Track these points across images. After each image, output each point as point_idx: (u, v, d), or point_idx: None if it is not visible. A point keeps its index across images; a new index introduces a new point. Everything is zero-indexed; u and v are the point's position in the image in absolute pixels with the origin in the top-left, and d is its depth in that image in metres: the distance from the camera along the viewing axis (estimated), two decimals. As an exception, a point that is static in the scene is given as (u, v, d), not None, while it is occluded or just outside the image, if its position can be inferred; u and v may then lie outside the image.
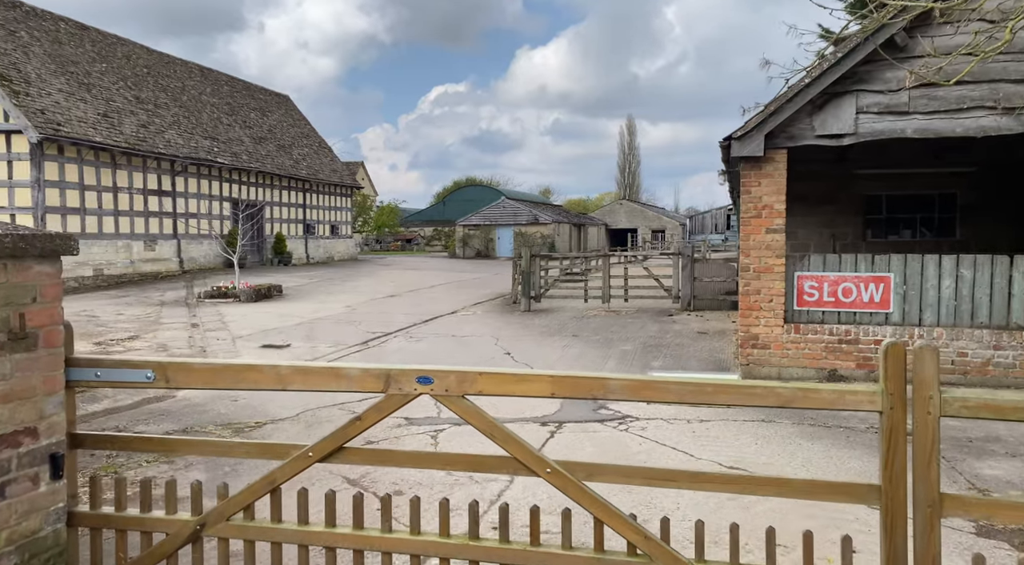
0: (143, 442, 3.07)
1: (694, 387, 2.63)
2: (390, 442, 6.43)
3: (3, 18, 22.47)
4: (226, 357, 11.22)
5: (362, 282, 24.50)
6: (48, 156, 20.48)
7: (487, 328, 14.30)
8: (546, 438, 6.53)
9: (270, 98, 37.90)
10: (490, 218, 48.91)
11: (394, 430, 6.85)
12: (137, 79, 26.89)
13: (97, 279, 21.87)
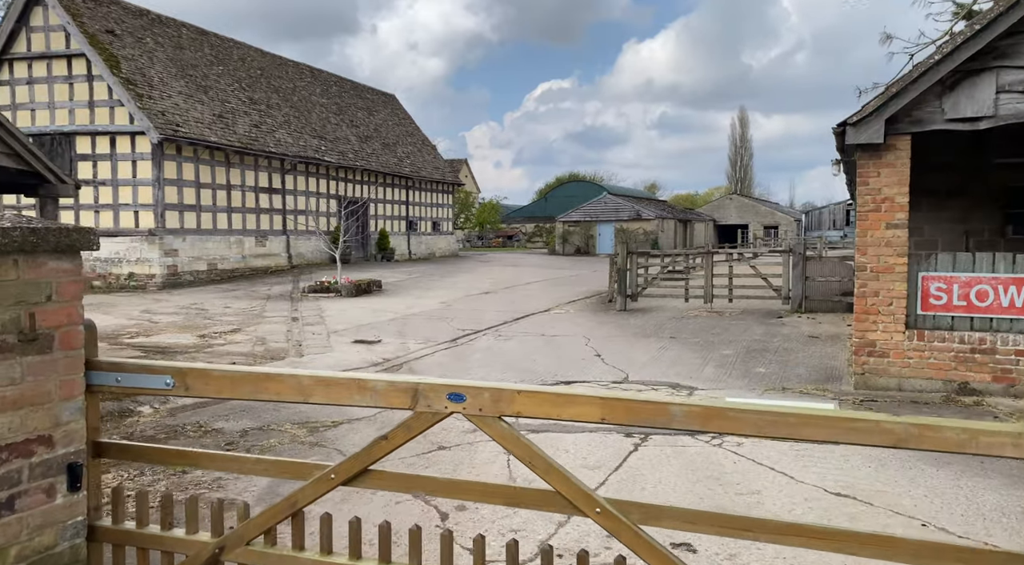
0: (164, 454, 2.87)
1: (775, 417, 2.14)
2: (463, 448, 6.14)
3: (132, 26, 23.91)
4: (320, 352, 11.32)
5: (459, 278, 24.55)
6: (167, 156, 21.61)
7: (579, 327, 13.84)
8: (628, 451, 6.04)
9: (376, 97, 38.76)
10: (591, 214, 48.21)
11: (468, 435, 6.55)
12: (251, 81, 28.04)
13: (211, 273, 22.93)
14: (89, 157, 21.88)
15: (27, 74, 22.26)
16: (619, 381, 9.21)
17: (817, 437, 2.14)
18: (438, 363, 10.45)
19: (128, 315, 15.45)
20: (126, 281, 21.33)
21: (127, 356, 10.63)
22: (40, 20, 21.94)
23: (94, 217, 21.93)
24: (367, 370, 9.96)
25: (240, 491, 4.92)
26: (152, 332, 13.24)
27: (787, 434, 2.15)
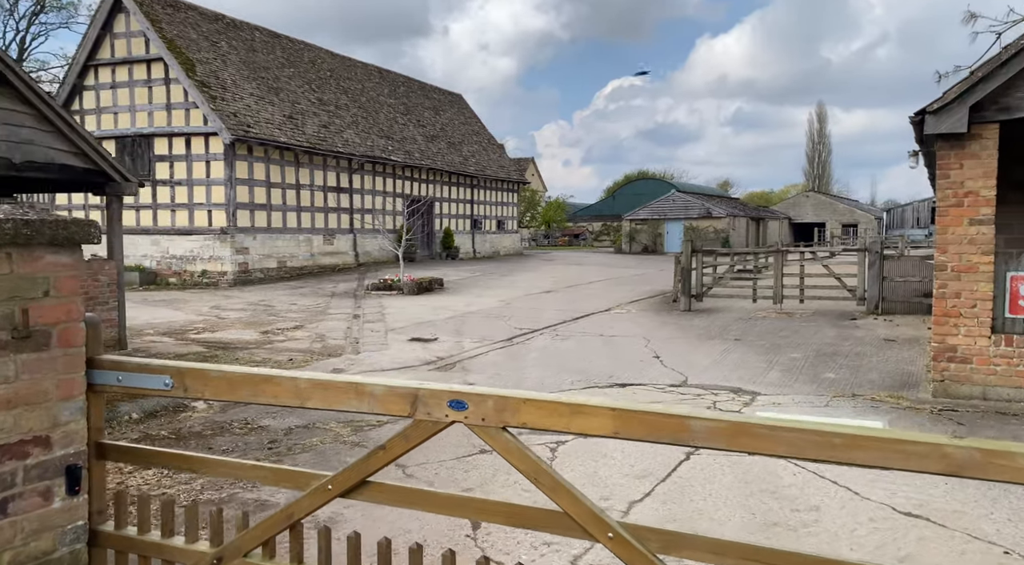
0: (164, 457, 2.77)
1: (814, 437, 1.85)
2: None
3: (207, 30, 24.68)
4: (376, 349, 11.33)
5: (521, 277, 24.38)
6: (239, 156, 22.19)
7: (640, 328, 13.45)
8: (680, 459, 5.71)
9: (443, 97, 39.00)
10: (659, 212, 47.31)
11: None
12: (321, 82, 28.58)
13: (280, 271, 23.45)
14: (166, 158, 22.68)
15: (111, 79, 23.25)
16: (677, 384, 8.84)
17: (863, 461, 1.84)
18: (492, 362, 10.28)
19: (198, 311, 15.88)
20: (199, 278, 22.02)
21: (193, 352, 10.88)
22: (122, 26, 22.86)
23: (170, 216, 22.73)
24: (420, 369, 9.88)
25: (273, 492, 4.85)
26: (218, 328, 13.54)
27: (828, 456, 1.86)
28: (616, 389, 8.62)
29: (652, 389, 8.60)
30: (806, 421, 1.93)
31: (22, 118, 8.28)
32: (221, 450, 5.95)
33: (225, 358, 10.38)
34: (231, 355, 10.67)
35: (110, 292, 9.26)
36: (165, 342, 11.85)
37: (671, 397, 8.16)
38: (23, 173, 8.35)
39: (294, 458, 5.70)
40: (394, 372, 9.63)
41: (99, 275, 9.14)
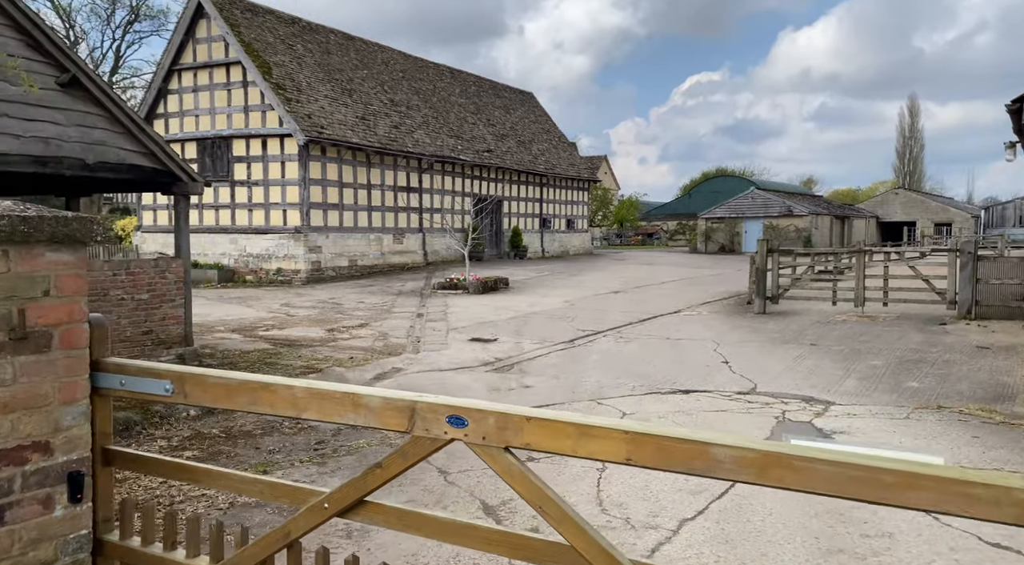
0: (168, 467, 2.66)
1: (861, 473, 1.56)
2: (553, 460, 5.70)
3: (284, 33, 25.31)
4: (435, 348, 11.26)
5: (589, 277, 24.01)
6: (312, 156, 22.65)
7: (709, 331, 12.95)
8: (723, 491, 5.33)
9: (514, 96, 38.93)
10: (737, 210, 45.94)
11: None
12: (393, 83, 28.92)
13: (351, 269, 23.83)
14: (244, 159, 23.37)
15: (192, 83, 24.13)
16: (744, 392, 8.40)
17: (917, 504, 1.53)
18: (551, 364, 10.05)
19: (269, 308, 16.23)
20: (274, 276, 22.59)
21: (259, 348, 11.06)
22: (204, 32, 23.69)
23: (248, 215, 23.41)
24: (477, 369, 9.74)
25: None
26: (286, 325, 13.78)
27: (875, 497, 1.56)
28: (679, 396, 8.25)
29: (717, 396, 8.20)
30: (852, 452, 1.63)
31: (95, 120, 8.54)
32: (268, 450, 5.93)
33: (288, 356, 10.51)
34: (295, 352, 10.79)
35: (177, 289, 9.49)
36: (233, 339, 12.11)
37: (737, 405, 7.74)
38: (96, 173, 8.61)
39: (338, 460, 5.63)
40: (451, 372, 9.53)
41: (166, 273, 9.36)
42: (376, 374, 9.51)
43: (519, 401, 7.84)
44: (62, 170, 8.29)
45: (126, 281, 8.93)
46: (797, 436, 5.06)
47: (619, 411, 7.44)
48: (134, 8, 42.84)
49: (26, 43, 7.95)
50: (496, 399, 7.89)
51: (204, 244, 23.87)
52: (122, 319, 8.88)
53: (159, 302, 9.31)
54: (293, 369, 9.44)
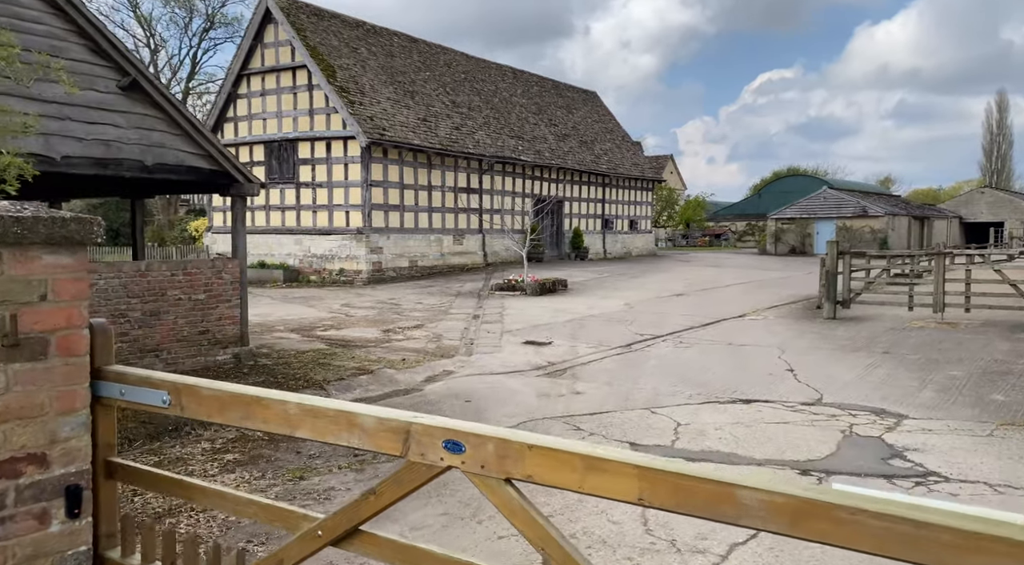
0: (168, 483, 2.53)
1: (914, 530, 1.28)
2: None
3: (348, 37, 25.66)
4: (489, 350, 11.11)
5: (651, 278, 23.49)
6: (375, 158, 22.87)
7: (774, 337, 12.39)
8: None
9: (577, 95, 38.56)
10: (808, 210, 44.35)
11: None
12: (455, 85, 28.99)
13: (412, 270, 23.95)
14: (309, 161, 23.78)
15: (260, 87, 24.69)
16: (809, 403, 7.93)
17: (992, 575, 1.24)
18: (604, 369, 9.75)
19: (329, 308, 16.40)
20: (337, 276, 22.89)
21: (314, 348, 11.12)
22: (272, 37, 24.21)
23: (312, 217, 23.80)
24: (529, 374, 9.53)
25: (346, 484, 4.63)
26: (344, 325, 13.87)
27: (930, 561, 1.27)
28: (739, 405, 7.85)
29: (779, 407, 7.76)
30: (905, 502, 1.34)
31: (154, 122, 8.71)
32: (309, 454, 5.85)
33: (342, 356, 10.52)
34: (349, 353, 10.80)
35: (233, 290, 9.60)
36: (291, 338, 12.23)
37: (800, 417, 7.30)
38: (154, 175, 8.77)
39: (376, 467, 5.50)
40: (502, 376, 9.34)
41: (223, 273, 9.49)
42: (426, 376, 9.41)
43: (569, 408, 7.60)
44: (122, 172, 8.47)
45: (183, 281, 9.07)
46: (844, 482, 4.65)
47: (673, 421, 7.10)
48: (209, 16, 44.33)
49: (89, 48, 8.14)
50: (545, 405, 7.67)
51: (271, 245, 24.42)
52: (179, 319, 9.02)
53: (215, 302, 9.43)
54: (345, 370, 9.42)
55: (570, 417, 7.22)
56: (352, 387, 8.68)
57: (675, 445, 6.24)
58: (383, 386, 8.83)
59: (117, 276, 8.43)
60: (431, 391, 8.52)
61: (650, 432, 6.67)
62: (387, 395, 8.40)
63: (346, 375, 9.13)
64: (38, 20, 7.69)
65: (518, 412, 7.43)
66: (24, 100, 7.56)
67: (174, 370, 8.88)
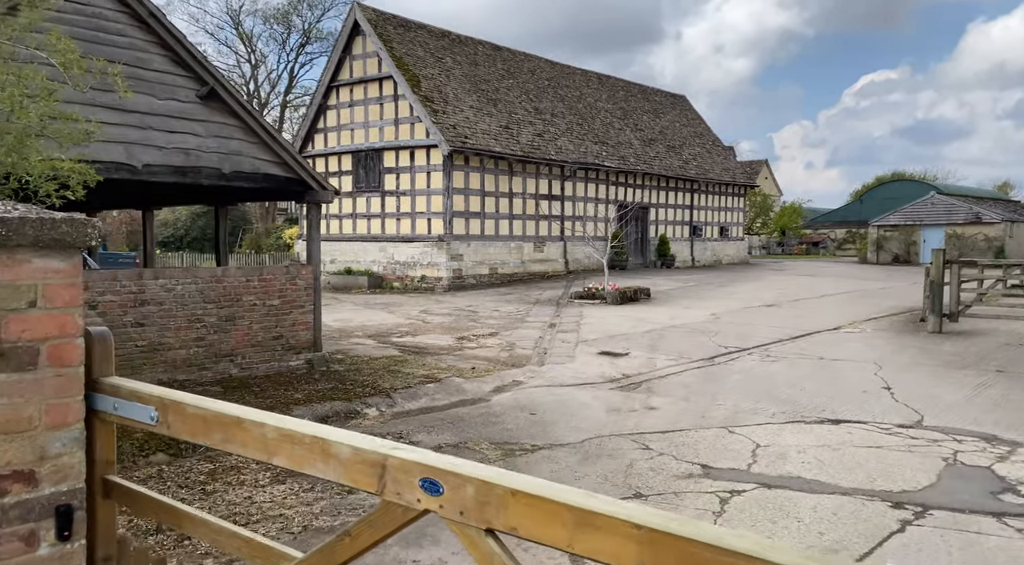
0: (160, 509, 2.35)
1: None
2: (666, 501, 5.02)
3: (434, 47, 25.94)
4: (562, 360, 10.79)
5: (740, 288, 22.52)
6: (456, 166, 22.96)
7: (871, 351, 11.51)
8: (891, 532, 4.41)
9: (664, 100, 37.72)
10: (914, 217, 41.74)
11: (680, 481, 5.36)
12: (538, 91, 28.84)
13: (492, 277, 23.89)
14: (393, 170, 24.12)
15: (349, 98, 25.28)
16: (908, 425, 7.22)
17: None
18: (682, 384, 9.25)
19: (407, 315, 16.47)
20: (419, 283, 23.08)
21: (387, 355, 11.10)
22: (360, 48, 24.75)
23: (396, 224, 24.12)
24: (601, 386, 9.15)
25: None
26: (419, 332, 13.85)
27: None
28: (826, 426, 7.23)
29: (873, 429, 7.10)
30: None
31: (231, 131, 8.87)
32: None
33: (413, 363, 10.43)
34: (420, 360, 10.71)
35: (307, 296, 9.67)
36: (366, 344, 12.28)
37: (896, 442, 6.64)
38: (231, 183, 8.93)
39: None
40: (572, 388, 9.00)
41: (297, 279, 9.57)
42: (495, 387, 9.18)
43: (640, 425, 7.19)
44: (200, 179, 8.66)
45: (258, 287, 9.19)
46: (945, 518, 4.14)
47: (752, 442, 6.59)
48: (306, 31, 46.01)
49: (170, 59, 8.37)
50: (615, 421, 7.29)
51: (357, 252, 24.90)
52: (254, 324, 9.14)
53: (289, 308, 9.52)
54: (413, 377, 9.31)
55: (639, 435, 6.81)
56: (418, 396, 8.55)
57: (751, 469, 5.74)
58: (449, 395, 8.66)
59: (194, 281, 8.61)
60: (497, 402, 8.27)
61: (725, 454, 6.19)
62: (452, 405, 8.22)
63: (414, 383, 9.01)
64: (122, 33, 7.95)
65: (585, 427, 7.08)
66: (107, 110, 7.83)
67: (248, 375, 9.00)
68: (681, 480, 5.38)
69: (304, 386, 8.58)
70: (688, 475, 5.52)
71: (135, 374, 8.17)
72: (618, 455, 6.05)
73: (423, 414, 7.84)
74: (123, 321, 8.02)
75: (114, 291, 7.96)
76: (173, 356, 8.46)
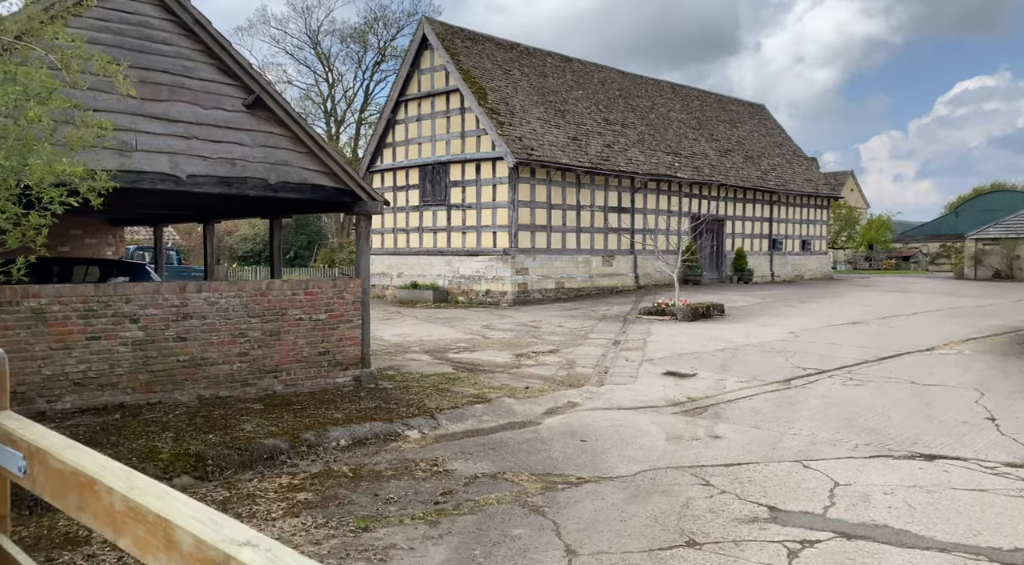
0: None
1: None
2: (723, 550, 4.32)
3: (501, 59, 25.68)
4: (621, 382, 10.11)
5: (823, 304, 21.16)
6: (522, 178, 22.53)
7: (971, 375, 10.36)
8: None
9: (742, 109, 36.39)
10: (1017, 229, 38.80)
11: (743, 526, 4.65)
12: (608, 102, 28.18)
13: (558, 291, 23.28)
14: (459, 183, 23.90)
15: (416, 112, 25.26)
16: (1018, 464, 6.26)
17: None
18: (753, 409, 8.43)
19: (468, 330, 16.06)
20: (483, 297, 22.69)
21: (440, 372, 10.68)
22: (428, 63, 24.72)
23: (461, 238, 23.85)
24: (663, 410, 8.43)
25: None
26: (478, 348, 13.39)
27: None
28: (918, 462, 6.34)
29: (974, 467, 6.17)
30: None
31: (278, 140, 8.64)
32: (387, 497, 5.21)
33: (465, 382, 9.96)
34: (472, 378, 10.24)
35: (354, 309, 9.34)
36: (421, 360, 11.90)
37: (1004, 484, 5.71)
38: (278, 193, 8.70)
39: (454, 521, 4.74)
40: (630, 411, 8.32)
41: (344, 293, 9.25)
42: (548, 408, 8.60)
43: (702, 457, 6.46)
44: (246, 190, 8.45)
45: (304, 301, 8.91)
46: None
47: (830, 479, 5.78)
48: (381, 50, 46.74)
49: (217, 67, 8.21)
50: (674, 451, 6.59)
51: (423, 266, 24.76)
52: (299, 339, 8.85)
53: (336, 322, 9.20)
54: (463, 397, 8.83)
55: (700, 468, 6.09)
56: (465, 417, 8.05)
57: (828, 513, 4.97)
58: (498, 417, 8.12)
59: (238, 295, 8.39)
60: (547, 426, 7.68)
61: (797, 493, 5.42)
62: (499, 428, 7.68)
63: (462, 403, 8.52)
64: (167, 42, 7.82)
65: (640, 458, 6.41)
66: (151, 119, 7.71)
67: (293, 392, 8.71)
68: (743, 525, 4.67)
69: (347, 405, 8.21)
70: (752, 519, 4.79)
71: (176, 390, 7.98)
72: (673, 492, 5.36)
73: (467, 437, 7.33)
74: (165, 335, 7.84)
75: (156, 305, 7.80)
76: (216, 371, 8.24)
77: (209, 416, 7.36)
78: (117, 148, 7.41)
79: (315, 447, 6.77)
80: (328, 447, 6.83)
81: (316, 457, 6.60)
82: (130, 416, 7.16)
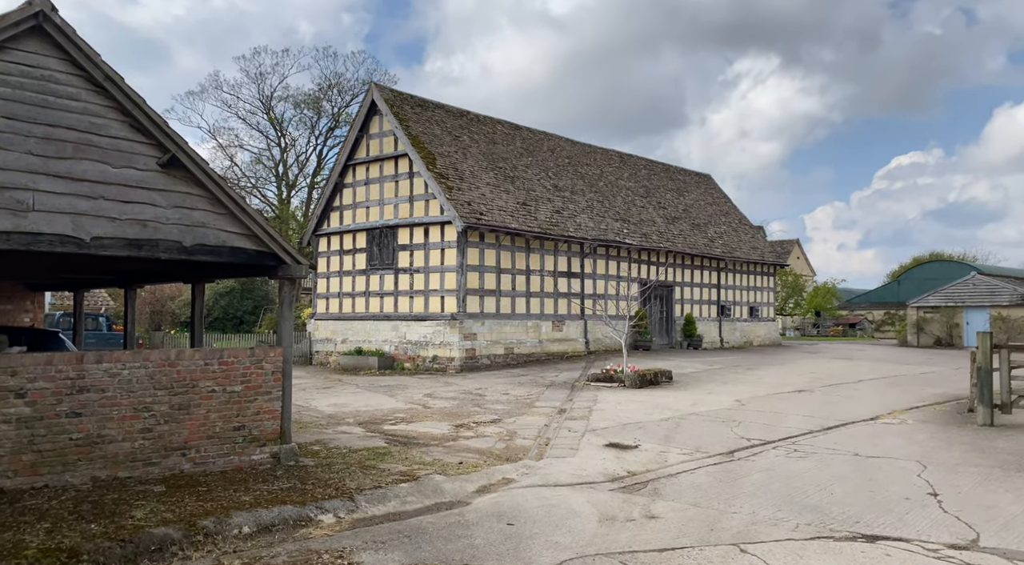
0: None
1: None
2: None
3: (451, 126, 25.82)
4: (562, 454, 9.65)
5: (769, 371, 21.10)
6: (471, 242, 22.32)
7: (914, 447, 10.16)
8: None
9: (689, 178, 37.20)
10: (955, 298, 39.93)
11: None
12: (558, 169, 28.46)
13: (507, 357, 22.83)
14: (407, 247, 23.58)
15: (365, 176, 25.08)
16: (962, 546, 5.94)
17: None
18: (693, 484, 8.03)
19: (409, 399, 15.45)
20: (430, 363, 22.11)
21: (370, 446, 10.08)
22: (376, 128, 24.69)
23: (409, 302, 23.38)
24: (601, 486, 7.98)
25: None
26: (416, 418, 12.81)
27: None
28: (859, 544, 5.98)
29: (917, 550, 5.84)
30: None
31: (195, 201, 8.20)
32: None
33: (395, 457, 9.38)
34: (404, 453, 9.66)
35: (274, 380, 8.76)
36: (353, 433, 11.27)
37: (949, 570, 5.37)
38: (193, 256, 8.21)
39: None
40: (566, 489, 7.84)
41: (263, 363, 8.69)
42: (480, 486, 8.07)
43: (634, 541, 6.01)
44: (158, 253, 7.94)
45: (218, 371, 8.32)
46: None
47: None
48: (335, 115, 46.90)
49: (129, 125, 7.80)
50: (606, 535, 6.13)
51: (369, 331, 24.13)
52: (211, 413, 8.22)
53: (254, 394, 8.60)
54: (389, 475, 8.25)
55: (631, 554, 5.63)
56: (387, 498, 7.47)
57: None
58: (424, 498, 7.56)
59: (143, 366, 7.77)
60: (474, 507, 7.15)
61: None
62: (423, 510, 7.12)
63: (387, 482, 7.94)
64: (74, 97, 7.41)
65: (568, 543, 5.92)
66: (53, 178, 7.22)
67: (202, 471, 8.01)
68: None
69: (259, 485, 7.57)
70: None
71: (67, 471, 7.25)
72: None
73: (388, 521, 6.75)
74: (56, 411, 7.16)
75: (48, 377, 7.14)
76: (115, 450, 7.53)
77: (99, 501, 6.66)
78: (11, 208, 6.90)
79: (213, 536, 6.12)
80: (228, 535, 6.19)
81: (213, 547, 5.96)
82: (6, 503, 6.42)
